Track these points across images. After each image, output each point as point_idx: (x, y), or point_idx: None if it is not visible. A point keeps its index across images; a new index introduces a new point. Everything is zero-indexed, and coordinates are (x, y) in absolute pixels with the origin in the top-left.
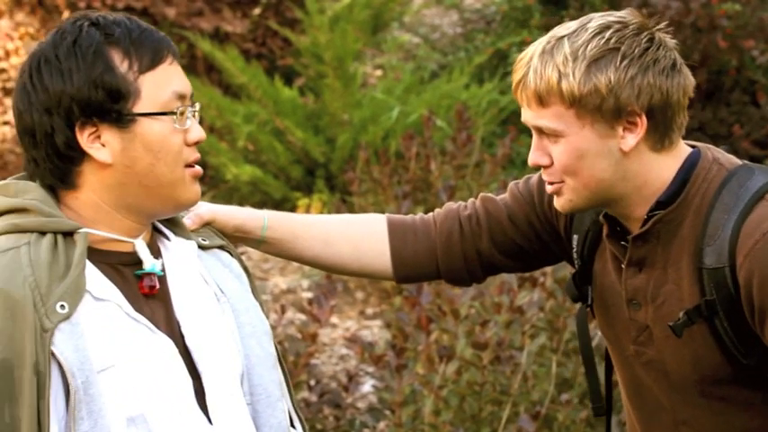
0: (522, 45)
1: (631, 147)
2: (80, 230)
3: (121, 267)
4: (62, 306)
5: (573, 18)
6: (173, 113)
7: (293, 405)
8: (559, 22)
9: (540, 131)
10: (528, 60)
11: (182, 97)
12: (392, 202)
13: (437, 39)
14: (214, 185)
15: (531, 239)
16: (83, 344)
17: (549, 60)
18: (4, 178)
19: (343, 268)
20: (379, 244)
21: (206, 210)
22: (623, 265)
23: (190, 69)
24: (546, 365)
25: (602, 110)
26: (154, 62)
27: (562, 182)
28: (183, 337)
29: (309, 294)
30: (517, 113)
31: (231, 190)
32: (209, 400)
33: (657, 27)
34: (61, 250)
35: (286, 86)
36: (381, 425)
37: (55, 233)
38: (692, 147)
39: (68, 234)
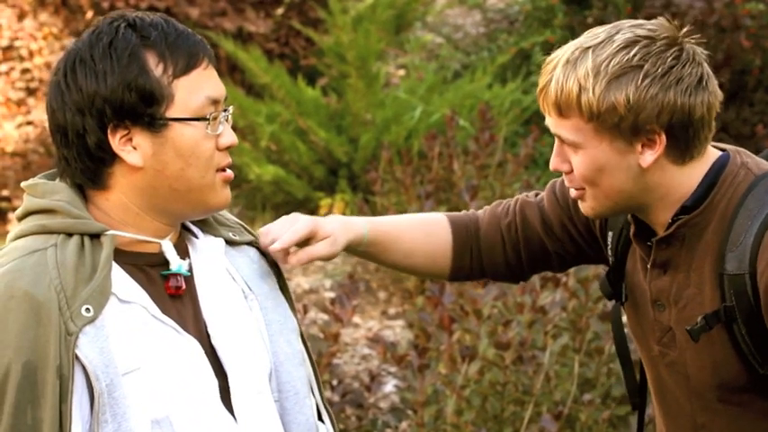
0: (546, 45)
1: (650, 163)
2: (107, 233)
3: (148, 268)
4: (87, 309)
5: (596, 19)
6: (205, 119)
7: (322, 400)
8: (582, 23)
9: (561, 139)
10: (552, 69)
11: (215, 102)
12: (414, 201)
13: (460, 38)
14: (237, 185)
15: (566, 243)
16: (108, 347)
17: (571, 72)
18: (28, 178)
19: (415, 273)
20: (444, 251)
21: (322, 250)
22: (648, 266)
23: None
24: (568, 365)
25: (620, 127)
26: (189, 67)
27: (583, 189)
28: (209, 336)
29: (332, 294)
30: (540, 114)
31: (254, 190)
32: (235, 398)
33: (687, 37)
34: (88, 252)
35: (309, 86)
36: (403, 425)
37: (82, 235)
38: (722, 150)
39: (95, 236)
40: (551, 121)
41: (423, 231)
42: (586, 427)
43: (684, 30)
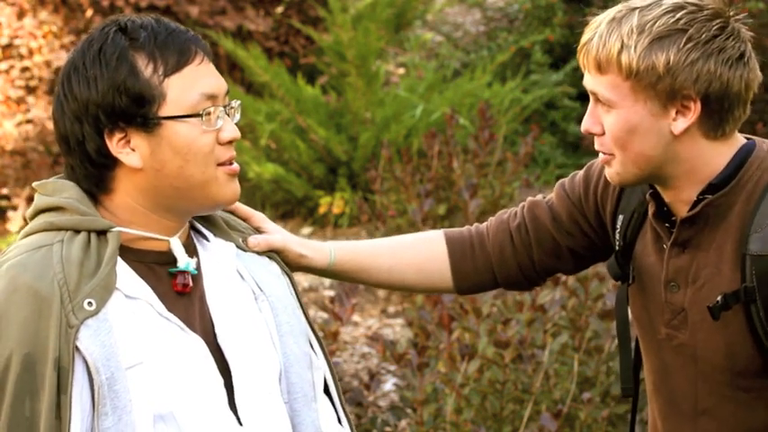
0: (545, 43)
1: (681, 130)
2: (113, 229)
3: (155, 266)
4: (90, 303)
5: (596, 16)
6: (199, 115)
7: (341, 403)
8: (582, 21)
9: (597, 98)
10: (596, 26)
11: (212, 97)
12: (414, 200)
13: (460, 37)
14: None
15: (577, 238)
16: (110, 340)
17: (615, 29)
18: (28, 176)
19: (408, 289)
20: (441, 263)
21: (279, 239)
22: (665, 245)
23: None
24: (568, 364)
25: (656, 88)
26: (180, 64)
27: (612, 154)
28: (216, 335)
29: (331, 293)
30: (539, 112)
31: (253, 188)
32: (238, 399)
33: (735, 17)
34: (93, 248)
35: (308, 85)
36: (403, 423)
37: (89, 231)
38: (748, 139)
39: (102, 233)
40: (589, 78)
41: (408, 246)
42: (586, 426)
43: (736, 14)
